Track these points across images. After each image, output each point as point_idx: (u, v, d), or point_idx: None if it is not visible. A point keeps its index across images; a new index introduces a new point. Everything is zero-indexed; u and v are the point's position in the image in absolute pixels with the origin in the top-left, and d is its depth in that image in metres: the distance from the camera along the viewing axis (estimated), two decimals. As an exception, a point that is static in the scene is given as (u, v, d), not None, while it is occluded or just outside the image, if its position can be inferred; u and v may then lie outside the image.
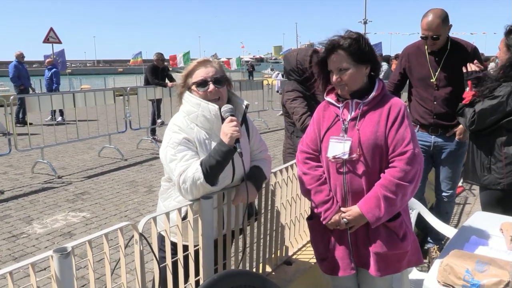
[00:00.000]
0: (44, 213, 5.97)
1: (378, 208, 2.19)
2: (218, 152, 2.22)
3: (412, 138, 2.23)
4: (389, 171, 2.22)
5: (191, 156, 2.26)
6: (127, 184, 7.30)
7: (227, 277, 2.09)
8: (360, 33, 2.30)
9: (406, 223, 2.35)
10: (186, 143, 2.29)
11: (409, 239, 2.33)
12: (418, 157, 2.22)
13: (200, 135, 2.33)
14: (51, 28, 17.59)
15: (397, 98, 2.33)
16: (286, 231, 3.30)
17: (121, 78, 33.62)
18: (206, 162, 2.22)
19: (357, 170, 2.27)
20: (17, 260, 4.60)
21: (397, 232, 2.30)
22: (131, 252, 2.17)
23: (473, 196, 6.33)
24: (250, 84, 15.26)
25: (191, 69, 2.40)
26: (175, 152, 2.27)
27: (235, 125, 2.23)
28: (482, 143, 3.27)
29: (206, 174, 2.19)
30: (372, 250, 2.30)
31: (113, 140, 9.89)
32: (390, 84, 4.26)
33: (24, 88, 13.19)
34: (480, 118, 3.14)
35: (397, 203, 2.21)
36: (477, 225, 2.77)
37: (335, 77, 2.29)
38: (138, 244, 2.03)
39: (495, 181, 3.19)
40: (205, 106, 2.32)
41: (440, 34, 3.71)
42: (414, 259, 2.43)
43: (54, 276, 1.67)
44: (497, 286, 1.96)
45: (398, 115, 2.25)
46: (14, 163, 8.84)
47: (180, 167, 2.23)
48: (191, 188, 2.21)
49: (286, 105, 3.89)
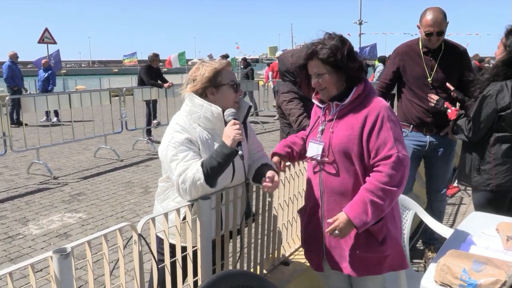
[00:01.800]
0: (40, 214, 5.95)
1: (365, 213, 2.16)
2: (220, 154, 2.22)
3: (396, 141, 2.19)
4: (374, 175, 2.19)
5: (192, 157, 2.26)
6: (123, 185, 7.29)
7: (225, 278, 2.10)
8: (339, 43, 2.26)
9: (388, 227, 2.31)
10: (188, 143, 2.29)
11: (389, 243, 2.30)
12: (404, 161, 2.18)
13: (202, 134, 2.34)
14: (46, 28, 17.56)
15: (379, 101, 2.29)
16: (283, 231, 3.31)
17: (116, 79, 33.52)
18: (207, 163, 2.22)
19: (330, 171, 2.32)
20: (13, 261, 4.58)
21: (376, 236, 2.28)
22: (129, 253, 2.17)
23: (468, 196, 6.35)
24: (246, 85, 15.23)
25: (222, 68, 2.38)
26: (176, 152, 2.27)
27: (238, 128, 2.24)
28: (472, 144, 3.30)
29: (206, 175, 2.20)
30: (349, 251, 2.32)
31: (109, 140, 9.86)
32: (382, 83, 4.25)
33: (17, 89, 13.10)
34: (475, 122, 3.16)
35: (384, 208, 2.18)
36: (473, 225, 2.78)
37: (313, 81, 2.33)
38: (137, 245, 2.03)
39: (485, 182, 3.22)
40: (208, 107, 2.32)
41: (444, 30, 3.74)
42: (397, 263, 2.38)
43: (53, 277, 1.68)
44: (494, 285, 1.98)
45: (377, 119, 2.21)
46: (9, 164, 8.81)
47: (181, 167, 2.23)
48: (190, 188, 2.21)
49: (282, 107, 3.90)
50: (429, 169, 4.21)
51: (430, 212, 3.55)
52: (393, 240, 2.32)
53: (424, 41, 3.85)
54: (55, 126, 11.20)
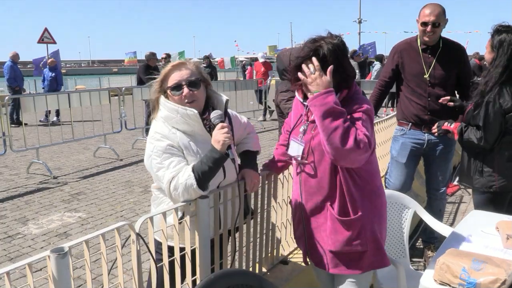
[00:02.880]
0: (39, 214, 5.95)
1: (332, 106, 2.09)
2: (210, 158, 2.21)
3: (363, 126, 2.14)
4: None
5: (178, 162, 2.26)
6: (122, 184, 7.29)
7: (224, 277, 2.09)
8: (340, 43, 2.23)
9: (364, 223, 2.26)
10: (170, 149, 2.28)
11: (365, 240, 2.27)
12: (364, 143, 2.10)
13: (183, 139, 2.33)
14: (45, 28, 17.55)
15: (361, 104, 2.22)
16: (282, 230, 3.30)
17: (116, 78, 33.52)
18: (198, 168, 2.21)
19: (309, 172, 2.33)
20: (13, 260, 4.58)
21: (351, 230, 2.25)
22: (127, 252, 2.17)
23: (469, 195, 6.35)
24: (245, 83, 15.23)
25: (166, 73, 2.36)
26: (161, 160, 2.26)
27: (227, 131, 2.21)
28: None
29: (198, 180, 2.19)
30: (327, 247, 2.32)
31: (108, 140, 9.86)
32: (381, 81, 4.24)
33: (19, 89, 13.10)
34: (486, 129, 3.08)
35: (334, 126, 2.07)
36: (473, 224, 2.78)
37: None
38: (135, 244, 2.02)
39: (487, 184, 3.20)
40: (183, 112, 2.30)
41: (440, 22, 3.74)
42: (377, 261, 2.33)
43: (51, 276, 1.67)
44: (494, 284, 1.98)
45: (359, 108, 2.19)
46: (9, 163, 8.80)
47: (169, 174, 2.22)
48: (183, 194, 2.21)
49: (280, 105, 3.89)
50: (428, 168, 4.20)
51: (429, 210, 3.56)
52: (370, 237, 2.28)
53: (421, 34, 3.85)
54: (55, 126, 11.20)
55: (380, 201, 2.37)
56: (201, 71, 2.45)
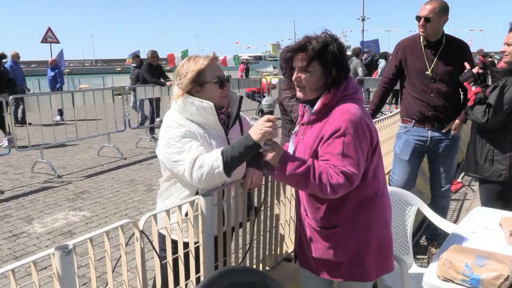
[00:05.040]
0: (44, 213, 5.98)
1: (295, 168, 2.03)
2: (242, 145, 2.16)
3: (344, 156, 2.04)
4: (327, 167, 2.05)
5: (199, 145, 2.26)
6: (126, 183, 7.31)
7: (227, 274, 2.10)
8: (333, 40, 2.16)
9: (345, 237, 2.19)
10: (189, 134, 2.29)
11: (343, 251, 2.21)
12: (350, 178, 2.04)
13: (198, 130, 2.35)
14: (49, 28, 17.61)
15: (345, 111, 2.09)
16: (286, 227, 3.31)
17: (119, 78, 33.56)
18: (228, 152, 2.18)
19: None
20: (18, 259, 4.61)
21: (328, 241, 2.22)
22: (131, 250, 2.18)
23: (472, 192, 6.34)
24: (248, 82, 15.22)
25: (204, 68, 2.36)
26: (181, 144, 2.26)
27: (271, 126, 2.11)
28: (487, 134, 3.29)
29: (225, 163, 2.16)
30: (311, 252, 2.31)
31: (112, 139, 9.89)
32: (385, 78, 4.25)
33: (19, 88, 13.12)
34: (496, 109, 3.14)
35: (308, 185, 2.04)
36: (476, 220, 2.78)
37: (295, 75, 2.21)
38: (139, 242, 2.03)
39: (498, 173, 3.22)
40: (199, 104, 2.33)
41: (432, 18, 3.76)
42: (357, 273, 2.23)
43: (55, 274, 1.68)
44: (497, 280, 1.98)
45: (335, 132, 2.07)
46: (13, 163, 8.84)
47: (193, 154, 2.22)
48: (207, 175, 2.18)
49: (283, 103, 3.90)
50: (432, 165, 4.20)
51: (433, 208, 3.56)
52: (349, 250, 2.21)
53: (418, 28, 3.90)
54: (59, 125, 11.23)
55: (372, 213, 2.23)
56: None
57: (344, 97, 2.16)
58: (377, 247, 2.25)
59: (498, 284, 1.97)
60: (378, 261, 2.26)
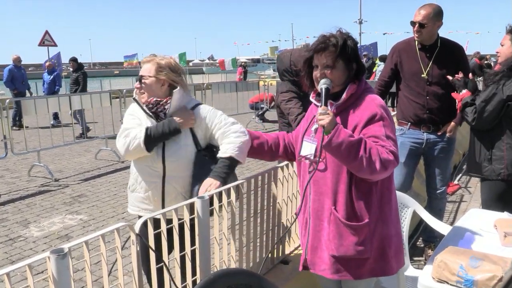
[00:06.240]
0: (41, 216, 5.97)
1: (348, 137, 2.07)
2: (166, 125, 2.56)
3: (388, 137, 2.15)
4: (377, 146, 2.12)
5: (136, 123, 2.69)
6: (124, 186, 7.29)
7: (224, 276, 2.10)
8: (351, 38, 2.29)
9: (371, 230, 2.23)
10: (132, 116, 2.76)
11: (370, 246, 2.23)
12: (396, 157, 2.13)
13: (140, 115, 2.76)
14: (46, 31, 17.59)
15: (372, 99, 2.25)
16: (283, 230, 3.31)
17: (117, 81, 33.53)
18: (153, 129, 2.57)
19: (322, 171, 2.29)
20: (14, 263, 4.58)
21: (357, 236, 2.22)
22: (129, 254, 2.18)
23: (469, 194, 6.36)
24: (246, 85, 15.24)
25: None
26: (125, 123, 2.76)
27: (194, 119, 2.62)
28: (484, 133, 3.32)
29: (147, 136, 2.53)
30: (329, 251, 2.29)
31: (109, 142, 9.87)
32: (381, 81, 4.28)
33: (18, 92, 13.11)
34: (481, 111, 3.21)
35: (357, 157, 2.06)
36: (472, 222, 2.79)
37: (319, 72, 2.27)
38: (135, 245, 2.04)
39: (496, 171, 3.25)
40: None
41: (427, 24, 3.79)
42: (379, 268, 2.28)
43: (51, 277, 1.68)
44: (491, 281, 1.99)
45: (371, 118, 2.17)
46: (10, 166, 8.83)
47: (126, 126, 2.69)
48: (129, 143, 2.56)
49: (281, 106, 3.91)
50: (428, 167, 4.22)
51: (430, 210, 3.57)
52: (376, 244, 2.25)
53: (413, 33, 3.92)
54: (56, 128, 11.22)
55: (390, 207, 2.32)
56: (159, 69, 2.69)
57: (367, 88, 2.31)
58: (396, 240, 2.34)
59: (492, 285, 1.98)
60: (395, 255, 2.34)
